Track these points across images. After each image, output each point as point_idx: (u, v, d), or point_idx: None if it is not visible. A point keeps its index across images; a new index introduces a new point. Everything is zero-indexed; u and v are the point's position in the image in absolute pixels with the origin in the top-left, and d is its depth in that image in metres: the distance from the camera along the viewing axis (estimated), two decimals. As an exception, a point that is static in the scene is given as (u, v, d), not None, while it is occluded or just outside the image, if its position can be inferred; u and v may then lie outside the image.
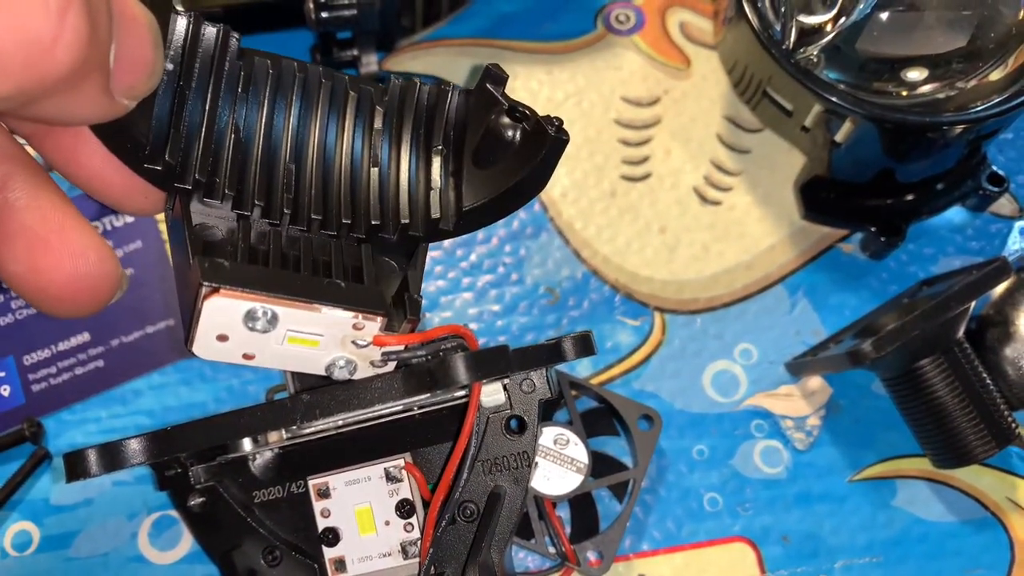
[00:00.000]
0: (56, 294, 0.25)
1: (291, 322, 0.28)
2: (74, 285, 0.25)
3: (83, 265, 0.25)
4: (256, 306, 0.27)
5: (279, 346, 0.28)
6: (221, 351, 0.28)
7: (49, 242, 0.25)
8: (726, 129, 0.50)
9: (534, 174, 0.30)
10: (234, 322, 0.27)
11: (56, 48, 0.19)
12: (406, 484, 0.35)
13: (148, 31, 0.23)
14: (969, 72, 0.43)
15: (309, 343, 0.28)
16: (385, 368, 0.30)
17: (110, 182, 0.27)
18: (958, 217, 0.48)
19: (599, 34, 0.52)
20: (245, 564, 0.35)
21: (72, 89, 0.21)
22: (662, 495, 0.43)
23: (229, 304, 0.26)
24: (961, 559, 0.42)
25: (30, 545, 0.42)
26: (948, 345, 0.40)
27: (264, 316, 0.27)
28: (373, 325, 0.28)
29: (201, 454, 0.36)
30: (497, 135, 0.30)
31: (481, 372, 0.29)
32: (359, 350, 0.29)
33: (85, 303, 0.26)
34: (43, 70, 0.19)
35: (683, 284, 0.47)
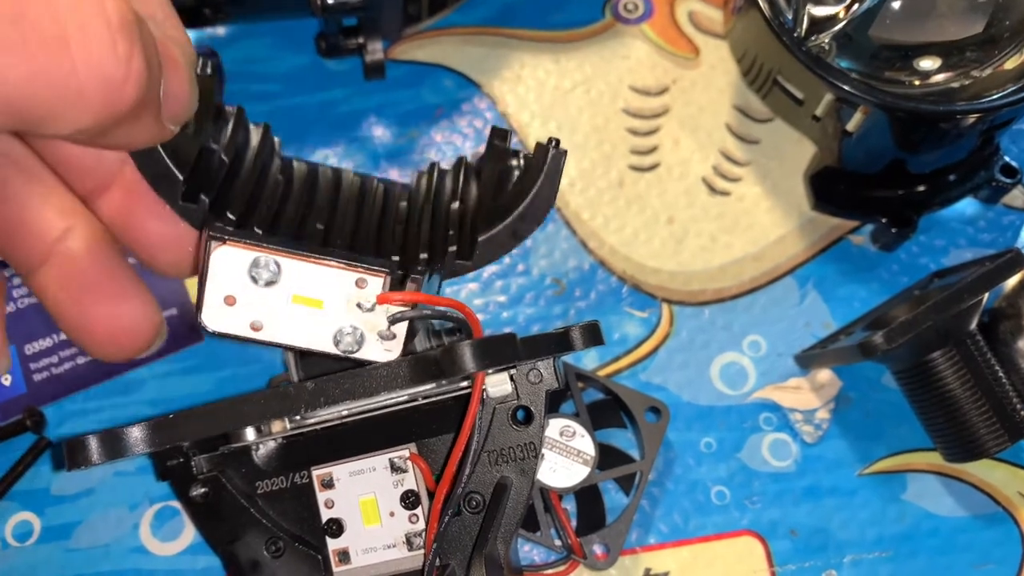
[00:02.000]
0: (101, 339, 0.30)
1: (295, 276, 0.29)
2: (118, 331, 0.30)
3: (127, 313, 0.30)
4: (260, 255, 0.29)
5: (285, 309, 0.29)
6: (229, 320, 0.29)
7: (100, 289, 0.29)
8: (735, 119, 0.49)
9: (540, 192, 0.33)
10: (239, 276, 0.29)
11: (125, 86, 0.24)
12: (411, 475, 0.35)
13: (186, 71, 0.27)
14: (983, 61, 0.42)
15: (314, 303, 0.29)
16: (393, 342, 0.30)
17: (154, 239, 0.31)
18: (970, 209, 0.47)
19: (607, 23, 0.52)
20: (248, 555, 0.35)
21: (135, 119, 0.25)
22: (669, 488, 0.42)
23: (235, 253, 0.29)
24: (972, 554, 0.41)
25: (31, 535, 0.42)
26: (960, 337, 0.39)
27: (267, 267, 0.29)
28: (376, 282, 0.29)
29: (204, 444, 0.35)
30: (507, 173, 0.34)
31: (488, 360, 0.29)
32: (365, 316, 0.30)
33: (127, 348, 0.30)
34: (116, 104, 0.24)
35: (691, 275, 0.46)
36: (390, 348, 0.31)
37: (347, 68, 0.50)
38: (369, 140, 0.49)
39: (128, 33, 0.24)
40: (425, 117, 0.49)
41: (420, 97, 0.50)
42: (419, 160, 0.48)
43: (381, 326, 0.30)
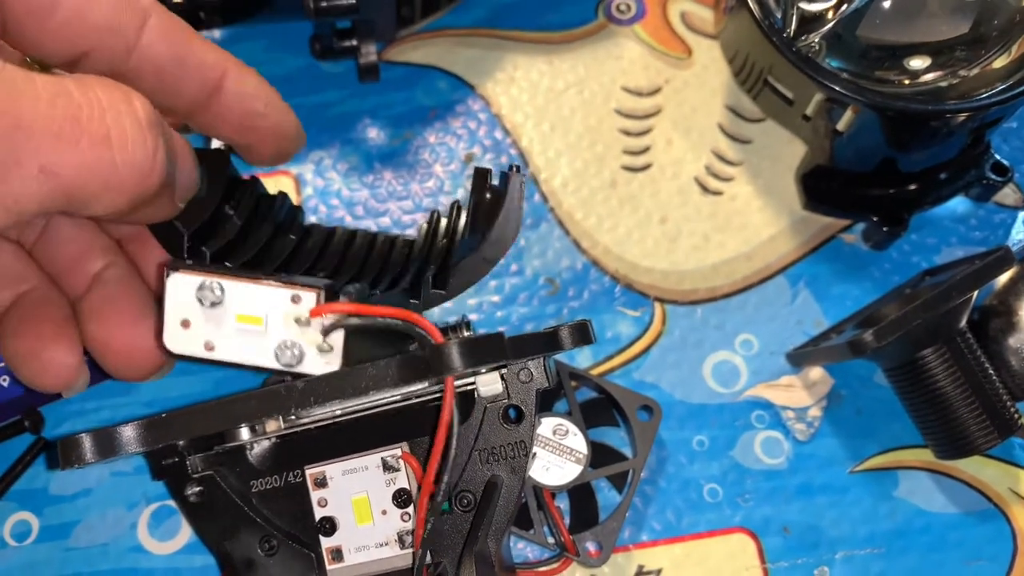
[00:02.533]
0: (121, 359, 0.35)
1: (236, 296, 0.31)
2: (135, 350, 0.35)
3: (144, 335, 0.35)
4: (205, 279, 0.31)
5: (230, 328, 0.31)
6: (186, 342, 0.32)
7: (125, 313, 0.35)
8: (727, 119, 0.50)
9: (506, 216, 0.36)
10: (191, 300, 0.31)
11: (152, 175, 0.28)
12: (403, 473, 0.35)
13: (191, 157, 0.33)
14: (972, 60, 0.43)
15: (255, 320, 0.31)
16: (332, 355, 0.31)
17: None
18: (961, 207, 0.48)
19: (600, 24, 0.52)
20: (242, 554, 0.35)
21: (156, 201, 0.30)
22: (662, 486, 0.43)
23: (185, 280, 0.31)
24: (963, 550, 0.42)
25: (29, 535, 0.42)
26: (950, 335, 0.40)
27: (212, 289, 0.31)
28: (310, 296, 0.31)
29: (198, 443, 0.36)
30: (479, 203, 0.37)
31: (476, 359, 0.29)
32: (302, 330, 0.31)
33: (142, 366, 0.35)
34: (145, 190, 0.28)
35: (684, 274, 0.47)
36: (329, 361, 0.31)
37: (341, 70, 0.50)
38: (364, 142, 0.49)
39: (155, 130, 0.28)
40: (419, 119, 0.50)
41: (414, 99, 0.50)
42: (413, 162, 0.49)
43: (318, 339, 0.31)
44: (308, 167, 0.48)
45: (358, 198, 0.48)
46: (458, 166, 0.49)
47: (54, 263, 0.37)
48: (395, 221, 0.48)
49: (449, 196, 0.48)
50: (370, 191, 0.48)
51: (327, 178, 0.48)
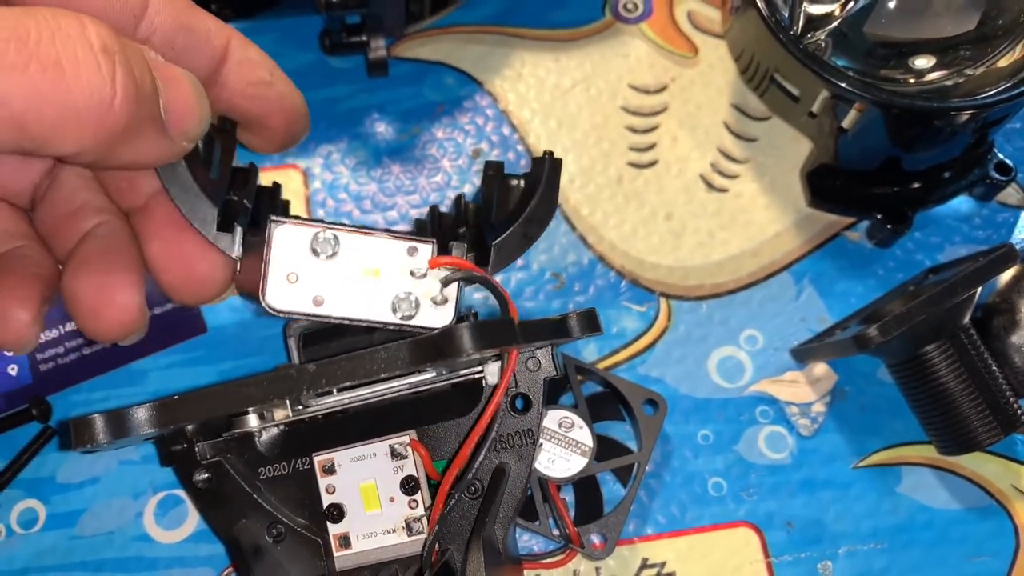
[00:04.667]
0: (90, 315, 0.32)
1: (352, 248, 0.31)
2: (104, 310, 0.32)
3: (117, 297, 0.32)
4: (319, 231, 0.31)
5: (346, 281, 0.31)
6: (292, 297, 0.31)
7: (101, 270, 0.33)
8: (733, 117, 0.50)
9: (543, 196, 0.35)
10: (302, 251, 0.31)
11: (114, 104, 0.26)
12: (411, 461, 0.35)
13: (189, 85, 0.29)
14: (977, 59, 0.43)
15: (372, 273, 0.31)
16: (445, 307, 0.32)
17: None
18: (965, 206, 0.48)
19: (607, 22, 0.52)
20: (250, 540, 0.36)
21: (136, 136, 0.27)
22: (666, 479, 0.43)
23: (296, 231, 0.31)
24: (966, 546, 0.42)
25: (36, 523, 0.42)
26: (954, 331, 0.40)
27: (327, 240, 0.31)
28: (426, 248, 0.32)
29: (207, 430, 0.36)
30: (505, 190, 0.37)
31: (486, 342, 0.29)
32: (418, 282, 0.32)
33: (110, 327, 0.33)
34: (110, 120, 0.26)
35: (689, 270, 0.47)
36: (443, 313, 0.32)
37: (350, 65, 0.51)
38: (372, 136, 0.49)
39: (109, 54, 0.26)
40: (427, 114, 0.50)
41: (422, 94, 0.50)
42: (421, 156, 0.49)
43: (434, 291, 0.32)
44: (316, 161, 0.49)
45: (366, 192, 0.48)
46: (466, 161, 0.49)
47: (47, 222, 0.35)
48: (402, 215, 0.48)
49: (456, 191, 0.48)
50: (378, 185, 0.48)
51: (335, 172, 0.49)
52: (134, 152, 0.28)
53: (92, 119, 0.26)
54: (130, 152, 0.28)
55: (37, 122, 0.25)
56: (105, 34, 0.26)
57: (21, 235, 0.35)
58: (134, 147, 0.28)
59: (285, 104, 0.37)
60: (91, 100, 0.25)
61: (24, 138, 0.25)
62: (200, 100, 0.30)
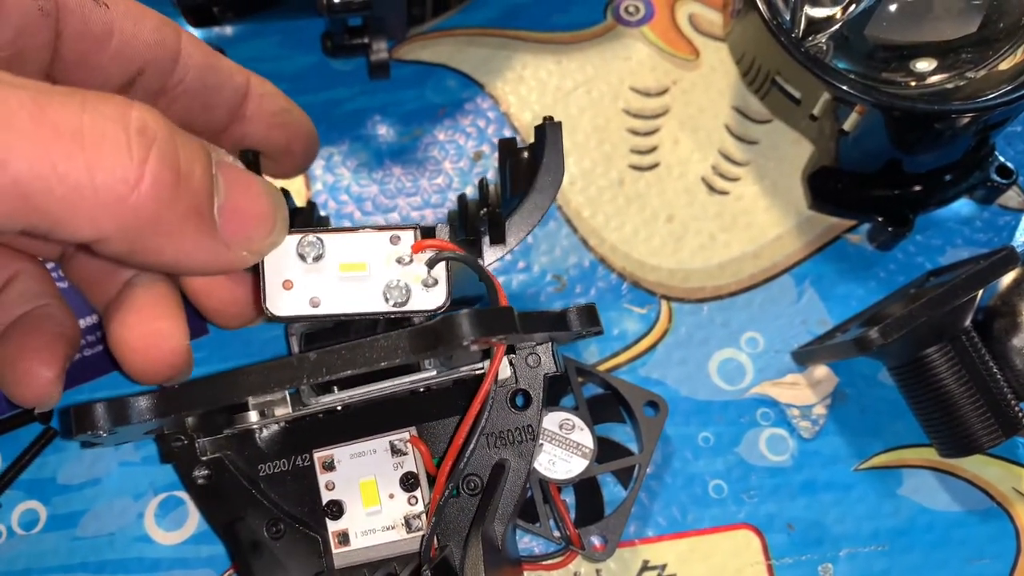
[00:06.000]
0: (139, 357, 0.33)
1: (336, 247, 0.32)
2: (153, 352, 0.33)
3: (165, 339, 0.33)
4: (302, 236, 0.32)
5: (336, 279, 0.32)
6: (291, 302, 0.32)
7: (147, 313, 0.33)
8: (734, 120, 0.50)
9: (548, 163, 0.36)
10: (291, 259, 0.32)
11: (140, 188, 0.23)
12: (411, 457, 0.35)
13: (262, 191, 0.28)
14: (978, 62, 0.43)
15: (359, 267, 0.32)
16: (436, 288, 0.33)
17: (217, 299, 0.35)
18: (966, 209, 0.48)
19: (608, 25, 0.52)
20: (249, 536, 0.36)
21: (175, 233, 0.25)
22: (667, 481, 0.43)
23: None
24: (967, 549, 0.42)
25: (37, 524, 0.42)
26: (955, 333, 0.40)
27: (312, 244, 0.32)
28: (408, 235, 0.32)
29: (208, 426, 0.36)
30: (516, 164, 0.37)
31: (486, 330, 0.29)
32: (405, 268, 0.32)
33: (159, 367, 0.33)
34: (132, 209, 0.23)
35: (690, 273, 0.47)
36: (435, 295, 0.33)
37: (352, 68, 0.51)
38: (373, 139, 0.50)
39: (147, 137, 0.23)
40: (429, 116, 0.50)
41: (424, 97, 0.51)
42: (422, 158, 0.49)
43: (422, 273, 0.33)
44: (318, 163, 0.49)
45: (367, 194, 0.48)
46: (467, 163, 0.49)
47: (83, 272, 0.36)
48: (404, 217, 0.48)
49: (457, 192, 0.48)
50: (379, 187, 0.49)
51: (337, 174, 0.49)
52: (175, 251, 0.26)
53: (112, 203, 0.23)
54: (170, 251, 0.26)
55: (45, 196, 0.22)
56: (151, 119, 0.24)
57: (46, 294, 0.36)
58: (174, 245, 0.26)
59: (303, 130, 0.38)
60: (111, 180, 0.23)
61: (31, 214, 0.23)
62: (275, 210, 0.29)
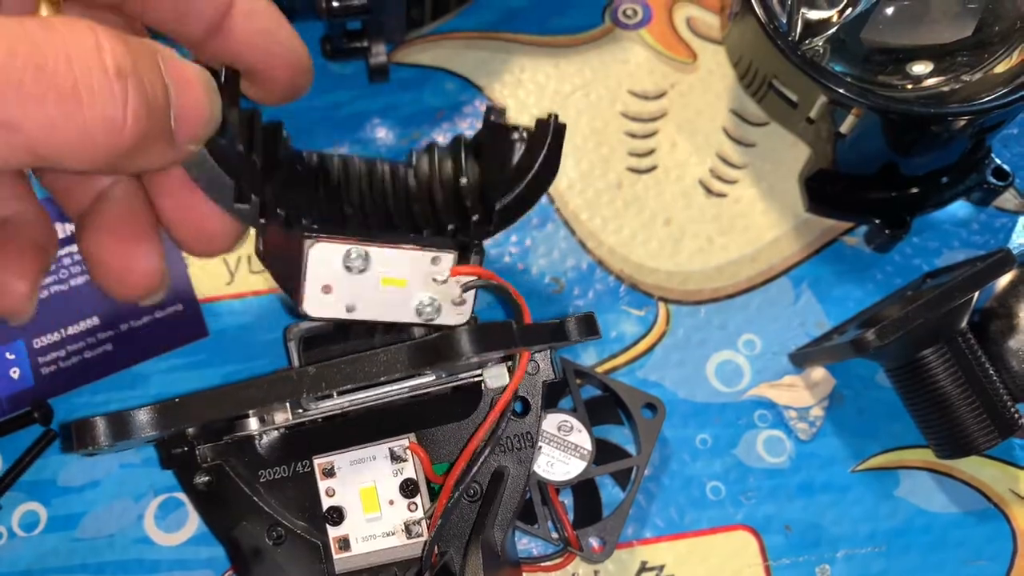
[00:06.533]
0: (115, 278, 0.33)
1: (381, 262, 0.33)
2: (130, 274, 0.33)
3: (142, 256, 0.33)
4: (351, 248, 0.32)
5: (375, 290, 0.33)
6: (327, 305, 0.33)
7: (124, 232, 0.33)
8: (732, 123, 0.50)
9: (546, 161, 0.36)
10: (335, 267, 0.32)
11: (125, 127, 0.26)
12: (410, 464, 0.36)
13: (201, 88, 0.29)
14: (974, 65, 0.43)
15: (399, 283, 0.33)
16: (463, 307, 0.35)
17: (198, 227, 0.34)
18: (962, 211, 0.48)
19: (606, 28, 0.52)
20: (250, 542, 0.36)
21: (145, 149, 0.27)
22: (665, 483, 0.43)
23: (329, 249, 0.32)
24: (964, 550, 0.42)
25: (37, 525, 0.42)
26: (951, 335, 0.40)
27: (359, 256, 0.32)
28: (448, 257, 0.34)
29: (208, 433, 0.36)
30: (509, 147, 0.37)
31: (485, 345, 0.30)
32: (440, 288, 0.34)
33: (135, 289, 0.33)
34: (119, 143, 0.26)
35: (688, 275, 0.47)
36: (461, 312, 0.35)
37: (351, 71, 0.51)
38: (372, 142, 0.50)
39: (123, 77, 0.25)
40: (427, 119, 0.50)
41: (422, 100, 0.51)
42: (421, 161, 0.49)
43: (454, 294, 0.34)
44: (317, 166, 0.49)
45: (366, 197, 0.48)
46: (465, 166, 0.49)
47: (58, 181, 0.35)
48: (403, 220, 0.48)
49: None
50: (378, 190, 0.49)
51: (336, 177, 0.49)
52: (142, 163, 0.28)
53: (103, 143, 0.26)
54: (137, 163, 0.28)
55: (48, 147, 0.25)
56: (120, 52, 0.26)
57: (20, 197, 0.34)
58: (140, 160, 0.28)
59: (290, 56, 0.36)
60: (103, 126, 0.25)
61: (35, 160, 0.25)
62: (211, 103, 0.30)
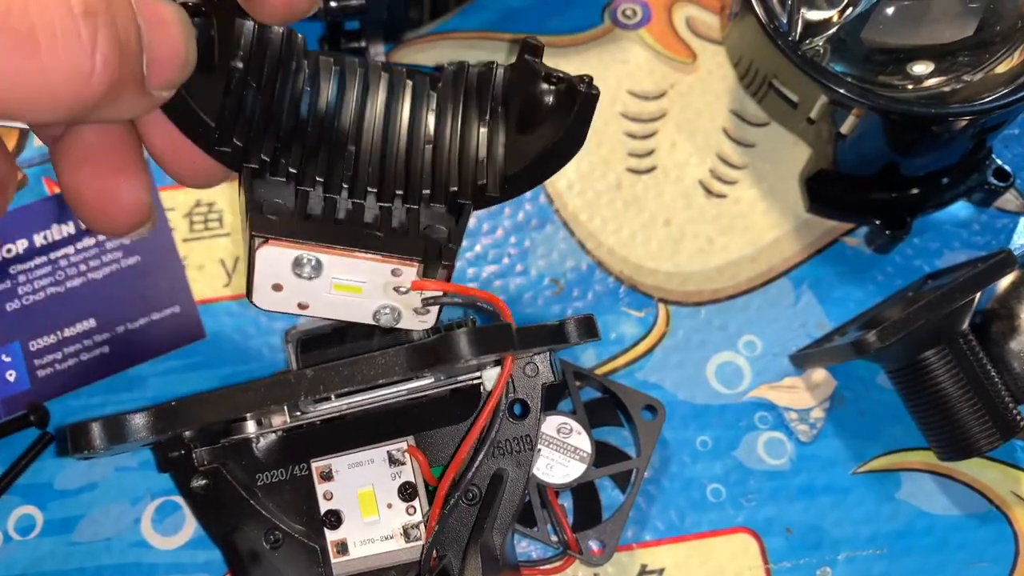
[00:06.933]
0: (93, 211, 0.30)
1: (335, 270, 0.30)
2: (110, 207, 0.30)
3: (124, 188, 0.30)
4: (302, 254, 0.30)
5: (328, 294, 0.31)
6: (278, 300, 0.31)
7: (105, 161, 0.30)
8: (732, 123, 0.50)
9: (570, 133, 0.32)
10: (284, 270, 0.30)
11: (93, 77, 0.23)
12: (409, 467, 0.35)
13: (177, 28, 0.26)
14: (975, 65, 0.43)
15: (354, 290, 0.31)
16: (427, 316, 0.32)
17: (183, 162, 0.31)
18: (963, 212, 0.48)
19: (606, 28, 0.52)
20: (247, 546, 0.36)
21: (114, 101, 0.24)
22: (665, 485, 0.43)
23: (278, 253, 0.30)
24: (965, 552, 0.42)
25: (34, 529, 0.42)
26: (953, 336, 0.40)
27: (309, 263, 0.30)
28: (410, 271, 0.31)
29: (205, 436, 0.36)
30: (536, 101, 0.32)
31: (484, 348, 0.29)
32: (401, 297, 0.31)
33: (116, 223, 0.30)
34: (87, 95, 0.23)
35: (687, 276, 0.47)
36: (425, 319, 0.32)
37: (349, 71, 0.51)
38: (370, 142, 0.49)
39: (91, 16, 0.23)
40: (426, 120, 0.50)
41: (421, 100, 0.50)
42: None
43: (416, 304, 0.32)
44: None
45: (364, 198, 0.48)
46: (464, 167, 0.49)
47: None
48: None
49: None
50: (376, 191, 0.48)
51: (334, 178, 0.49)
52: (111, 113, 0.26)
53: (68, 94, 0.23)
54: (107, 114, 0.26)
55: (6, 100, 0.22)
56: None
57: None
58: (111, 109, 0.25)
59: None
60: (67, 76, 0.22)
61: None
62: (187, 43, 0.27)
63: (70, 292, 0.45)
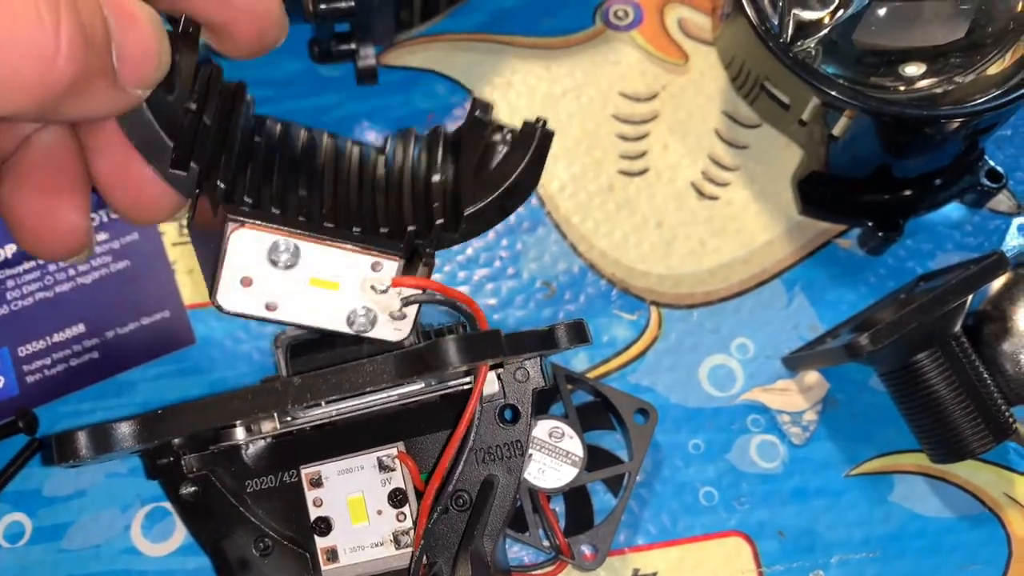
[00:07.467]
0: (29, 233, 0.29)
1: (313, 259, 0.29)
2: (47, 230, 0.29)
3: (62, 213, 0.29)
4: (279, 239, 0.29)
5: (301, 291, 0.30)
6: (244, 300, 0.29)
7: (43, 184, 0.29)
8: (724, 124, 0.50)
9: (527, 169, 0.32)
10: (258, 259, 0.29)
11: (58, 59, 0.22)
12: (399, 473, 0.35)
13: (149, 25, 0.25)
14: (967, 66, 0.43)
15: (330, 285, 0.30)
16: (403, 322, 0.31)
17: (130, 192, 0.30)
18: (956, 213, 0.48)
19: (597, 30, 0.52)
20: (236, 554, 0.35)
21: (84, 92, 0.23)
22: (657, 489, 0.43)
23: (254, 236, 0.28)
24: (958, 555, 0.42)
25: (22, 536, 0.42)
26: (945, 339, 0.40)
27: (287, 250, 0.29)
28: (391, 265, 0.30)
29: (194, 443, 0.35)
30: (490, 146, 0.33)
31: (473, 355, 0.29)
32: (378, 297, 0.30)
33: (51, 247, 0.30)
34: (53, 80, 0.22)
35: (680, 278, 0.47)
36: (400, 328, 0.31)
37: (340, 74, 0.51)
38: (361, 145, 0.49)
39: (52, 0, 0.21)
40: (417, 122, 0.50)
41: (412, 102, 0.50)
42: (411, 165, 0.49)
43: (393, 307, 0.31)
44: (305, 170, 0.49)
45: (355, 201, 0.48)
46: (455, 170, 0.49)
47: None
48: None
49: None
50: (367, 194, 0.48)
51: (324, 181, 0.48)
52: (81, 108, 0.24)
53: (30, 81, 0.21)
54: (76, 109, 0.24)
55: None
56: None
57: None
58: (80, 103, 0.24)
59: (255, 8, 0.31)
60: (29, 59, 0.21)
61: None
62: (160, 42, 0.26)
63: (59, 297, 0.45)
